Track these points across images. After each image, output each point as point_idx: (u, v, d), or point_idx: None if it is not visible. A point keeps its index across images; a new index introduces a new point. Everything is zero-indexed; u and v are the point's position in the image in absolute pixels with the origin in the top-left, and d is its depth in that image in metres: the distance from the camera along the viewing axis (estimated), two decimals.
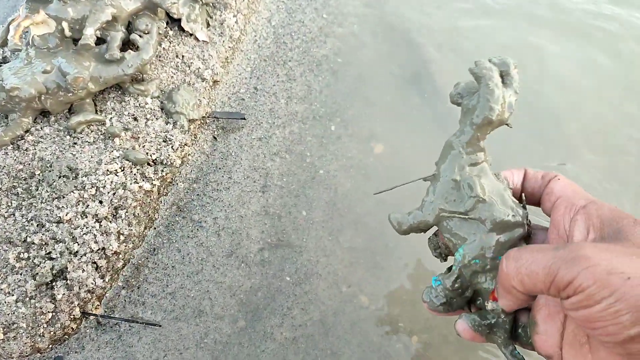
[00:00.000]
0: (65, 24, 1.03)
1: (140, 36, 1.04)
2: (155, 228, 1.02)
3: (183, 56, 1.15)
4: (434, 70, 1.34)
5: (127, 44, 1.10)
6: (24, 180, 0.96)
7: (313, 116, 1.22)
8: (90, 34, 1.00)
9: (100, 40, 1.06)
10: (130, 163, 0.99)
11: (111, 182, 0.96)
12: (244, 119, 1.16)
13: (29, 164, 0.97)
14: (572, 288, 0.34)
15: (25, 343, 0.87)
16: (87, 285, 0.90)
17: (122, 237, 0.95)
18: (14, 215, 0.93)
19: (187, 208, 1.06)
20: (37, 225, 0.93)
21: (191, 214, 1.05)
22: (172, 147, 1.03)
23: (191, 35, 1.19)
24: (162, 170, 1.02)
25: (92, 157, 0.98)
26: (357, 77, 1.31)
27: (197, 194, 1.07)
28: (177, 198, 1.06)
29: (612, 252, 0.34)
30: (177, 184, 1.07)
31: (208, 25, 1.22)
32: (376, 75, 1.32)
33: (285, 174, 1.13)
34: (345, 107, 1.24)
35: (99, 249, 0.92)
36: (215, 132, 1.15)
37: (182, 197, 1.07)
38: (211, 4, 1.23)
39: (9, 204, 0.94)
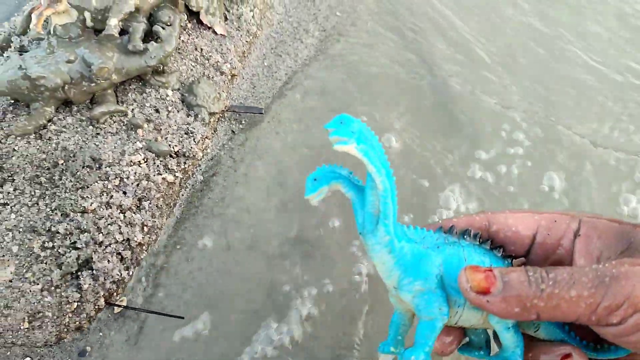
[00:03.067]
0: (87, 14, 1.03)
1: (162, 28, 1.04)
2: (175, 220, 1.03)
3: (202, 49, 1.16)
4: (448, 76, 1.36)
5: (147, 36, 1.10)
6: (47, 169, 0.96)
7: (328, 111, 1.23)
8: (114, 24, 1.00)
9: (121, 31, 1.06)
10: (154, 154, 0.99)
11: (135, 173, 0.96)
12: (262, 113, 1.17)
13: (52, 154, 0.97)
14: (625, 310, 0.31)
15: (51, 332, 0.86)
16: (112, 276, 0.90)
17: (145, 229, 0.95)
18: (37, 204, 0.93)
19: (206, 201, 1.06)
20: (62, 215, 0.92)
21: (210, 207, 1.05)
22: (194, 139, 1.03)
23: (209, 28, 1.19)
24: (185, 163, 1.02)
25: (115, 147, 0.98)
26: (370, 75, 1.32)
27: (216, 187, 1.08)
28: (196, 190, 1.07)
29: None
30: (196, 176, 1.07)
31: (225, 19, 1.22)
32: (388, 74, 1.34)
33: (303, 169, 1.14)
34: (359, 103, 1.26)
35: (123, 239, 0.92)
36: (234, 126, 1.16)
37: (201, 190, 1.07)
38: None
39: (33, 193, 0.94)
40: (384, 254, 0.39)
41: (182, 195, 1.04)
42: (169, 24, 1.05)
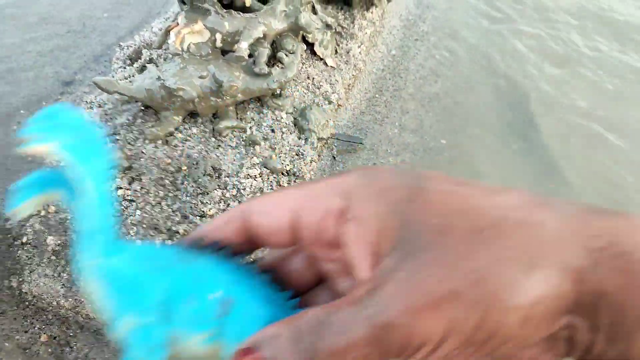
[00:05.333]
0: (219, 36, 1.12)
1: (286, 55, 1.13)
2: None
3: (313, 78, 1.23)
4: (539, 122, 1.40)
5: (268, 61, 1.18)
6: (171, 173, 1.04)
7: (423, 149, 1.29)
8: (244, 47, 1.08)
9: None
10: (268, 171, 1.06)
11: (251, 185, 1.03)
12: (362, 143, 1.23)
13: (177, 159, 1.05)
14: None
15: None
16: None
17: None
18: (160, 204, 1.01)
19: None
20: (182, 217, 0.99)
21: None
22: (303, 161, 1.10)
23: (321, 59, 1.27)
24: (295, 182, 1.08)
25: (234, 160, 1.06)
26: (464, 116, 1.37)
27: None
28: None
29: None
30: None
31: (335, 52, 1.30)
32: (481, 117, 1.39)
33: None
34: (452, 144, 1.31)
35: None
36: (335, 153, 1.22)
37: None
38: (340, 33, 1.32)
39: (157, 194, 1.01)
40: (94, 278, 0.29)
41: None
42: (291, 52, 1.14)
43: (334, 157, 1.22)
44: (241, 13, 1.14)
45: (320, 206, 0.24)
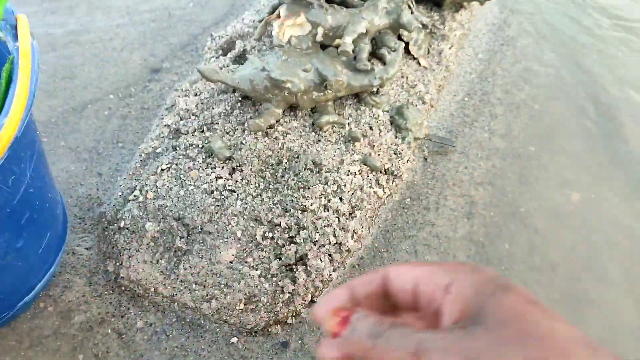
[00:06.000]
0: (320, 30, 1.10)
1: (388, 52, 1.11)
2: (372, 234, 1.06)
3: (407, 77, 1.21)
4: (628, 133, 1.36)
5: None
6: (272, 165, 1.02)
7: (512, 154, 1.26)
8: (349, 42, 1.07)
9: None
10: (368, 168, 1.04)
11: (351, 182, 1.01)
12: (454, 146, 1.20)
13: (278, 152, 1.03)
14: None
15: (262, 317, 0.91)
16: (322, 275, 0.94)
17: (355, 236, 0.99)
18: (260, 195, 0.99)
19: (398, 220, 1.10)
20: (282, 209, 0.98)
21: (401, 226, 1.09)
22: (401, 160, 1.08)
23: (414, 59, 1.25)
24: (393, 181, 1.06)
25: (334, 155, 1.04)
26: (551, 124, 1.34)
27: (409, 209, 1.11)
28: (390, 209, 1.10)
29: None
30: (393, 196, 1.11)
31: (428, 52, 1.28)
32: (569, 125, 1.35)
33: (488, 205, 1.16)
34: (541, 151, 1.28)
35: (336, 242, 0.96)
36: (426, 154, 1.20)
37: (395, 209, 1.11)
38: (433, 33, 1.29)
39: (257, 185, 1.00)
40: None
41: (381, 212, 1.08)
42: (393, 49, 1.12)
43: (425, 159, 1.19)
44: (343, 8, 1.13)
45: (435, 281, 0.34)
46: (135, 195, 1.00)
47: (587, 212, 1.19)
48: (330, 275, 0.95)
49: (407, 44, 1.24)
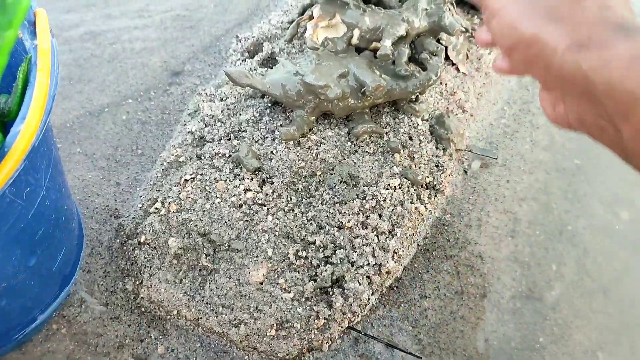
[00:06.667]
0: (356, 32, 1.03)
1: (429, 57, 1.03)
2: (410, 255, 0.98)
3: (446, 84, 1.13)
4: None
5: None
6: (304, 177, 0.94)
7: (556, 168, 1.17)
8: (389, 45, 0.99)
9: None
10: (408, 182, 0.96)
11: (391, 197, 0.93)
12: (496, 158, 1.12)
13: (311, 163, 0.95)
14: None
15: (295, 345, 0.83)
16: (360, 299, 0.86)
17: (395, 257, 0.91)
18: (293, 210, 0.91)
19: (439, 240, 1.01)
20: (316, 226, 0.90)
21: (444, 248, 1.01)
22: (443, 173, 1.00)
23: (453, 65, 1.17)
24: (435, 196, 0.98)
25: (372, 168, 0.96)
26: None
27: (450, 226, 1.03)
28: (431, 226, 1.02)
29: None
30: (433, 212, 1.03)
31: (467, 57, 1.20)
32: None
33: (532, 223, 1.08)
34: (587, 165, 1.19)
35: (375, 263, 0.88)
36: (466, 166, 1.12)
37: (435, 226, 1.03)
38: (472, 37, 1.21)
39: (289, 199, 0.92)
40: None
41: (420, 229, 1.00)
42: (435, 54, 1.04)
43: (466, 172, 1.11)
44: (381, 9, 1.05)
45: None
46: (156, 208, 0.93)
47: (639, 232, 1.10)
48: (369, 299, 0.87)
49: (445, 48, 1.16)
